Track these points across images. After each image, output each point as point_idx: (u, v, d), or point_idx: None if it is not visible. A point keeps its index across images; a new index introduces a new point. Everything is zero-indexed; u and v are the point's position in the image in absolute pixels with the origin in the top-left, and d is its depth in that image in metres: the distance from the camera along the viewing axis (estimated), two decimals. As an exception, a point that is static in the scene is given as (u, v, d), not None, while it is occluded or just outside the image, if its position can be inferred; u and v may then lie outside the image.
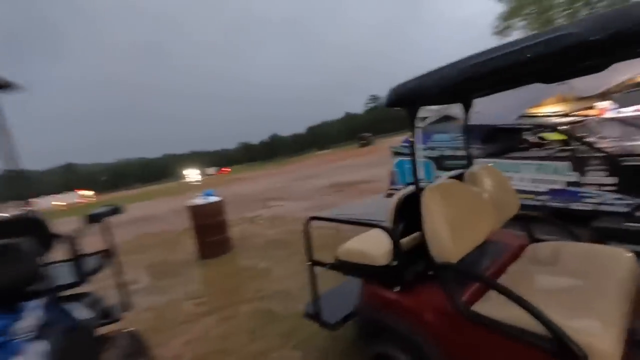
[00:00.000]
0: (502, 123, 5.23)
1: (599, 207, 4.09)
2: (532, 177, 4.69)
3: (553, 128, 4.85)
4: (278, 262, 5.23)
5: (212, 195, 6.17)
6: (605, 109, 6.89)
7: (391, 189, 6.63)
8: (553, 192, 4.47)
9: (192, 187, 35.33)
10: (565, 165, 4.37)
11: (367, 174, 14.97)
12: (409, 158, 5.47)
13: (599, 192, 4.09)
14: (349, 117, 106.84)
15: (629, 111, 6.89)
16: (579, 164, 4.25)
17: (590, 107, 6.70)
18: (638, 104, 6.88)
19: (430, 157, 5.94)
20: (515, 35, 32.66)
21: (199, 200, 6.05)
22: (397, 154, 6.57)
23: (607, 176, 4.04)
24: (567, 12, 28.91)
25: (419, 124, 5.94)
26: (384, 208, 2.53)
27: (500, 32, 33.12)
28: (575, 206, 4.25)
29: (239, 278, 4.90)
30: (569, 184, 4.33)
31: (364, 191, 10.46)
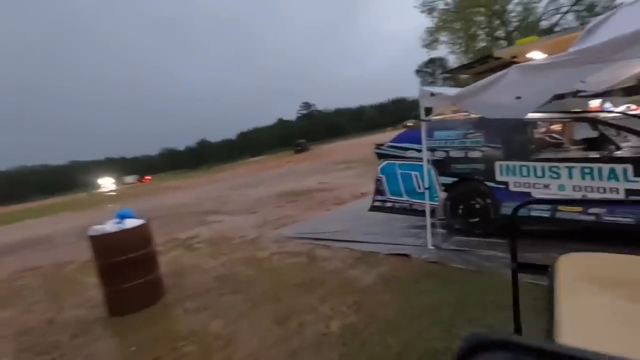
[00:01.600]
0: (527, 116, 4.20)
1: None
2: (577, 185, 3.64)
3: (598, 122, 3.94)
4: (239, 319, 3.44)
5: (129, 216, 4.12)
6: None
7: (378, 200, 5.23)
8: (611, 204, 3.46)
9: (106, 199, 30.36)
10: (624, 168, 3.39)
11: (315, 182, 13.57)
12: (402, 161, 4.07)
13: (678, 202, 3.16)
14: (282, 124, 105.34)
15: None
16: (646, 167, 3.31)
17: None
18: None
19: (429, 161, 4.67)
20: (442, 48, 34.58)
21: (110, 227, 3.96)
22: (384, 156, 5.21)
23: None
24: (485, 30, 31.34)
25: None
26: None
27: (428, 45, 34.93)
28: (649, 221, 3.28)
29: None
30: (630, 192, 3.35)
31: (323, 201, 8.99)
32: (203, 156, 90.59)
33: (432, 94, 4.01)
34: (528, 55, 8.61)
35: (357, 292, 3.54)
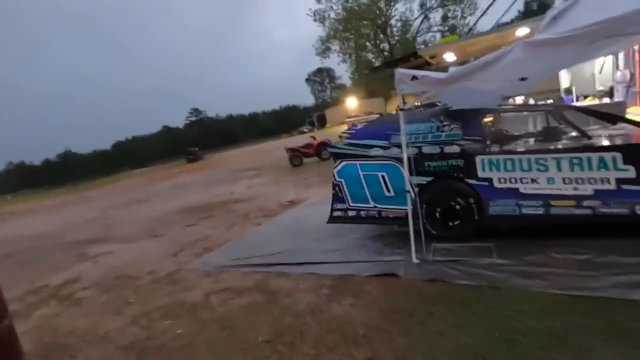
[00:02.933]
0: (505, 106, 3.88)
1: (673, 209, 3.10)
2: (567, 177, 3.38)
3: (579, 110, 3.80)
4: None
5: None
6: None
7: (338, 210, 4.34)
8: (604, 195, 3.27)
9: None
10: (613, 156, 3.24)
11: (225, 191, 12.01)
12: (364, 161, 3.30)
13: (668, 188, 3.10)
14: (168, 131, 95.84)
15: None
16: (635, 154, 3.20)
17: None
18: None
19: (397, 158, 4.01)
20: (334, 57, 36.04)
21: None
22: (341, 156, 4.36)
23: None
24: (372, 42, 33.87)
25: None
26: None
27: (320, 53, 36.04)
28: (645, 210, 3.15)
29: None
30: (621, 180, 3.21)
31: (247, 214, 7.66)
32: (68, 171, 75.80)
33: (415, 77, 3.32)
34: (444, 56, 9.02)
35: (359, 342, 2.56)
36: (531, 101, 6.81)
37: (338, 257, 4.15)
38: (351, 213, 4.37)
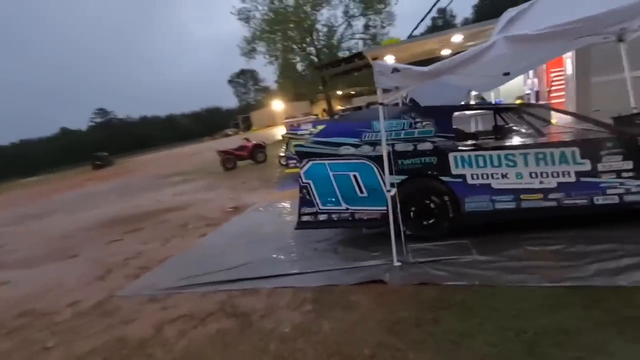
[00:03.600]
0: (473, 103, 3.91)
1: (625, 199, 3.40)
2: (533, 171, 3.53)
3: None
4: None
5: None
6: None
7: (307, 214, 3.99)
8: (567, 187, 3.47)
9: None
10: (572, 151, 3.45)
11: (151, 200, 10.71)
12: (333, 160, 3.14)
13: (619, 180, 3.39)
14: (68, 135, 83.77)
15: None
16: (589, 148, 3.44)
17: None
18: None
19: (369, 157, 3.82)
20: (260, 58, 35.25)
21: None
22: (308, 155, 4.02)
23: (622, 160, 3.40)
24: (299, 45, 33.93)
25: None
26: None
27: (246, 54, 34.96)
28: (602, 200, 3.39)
29: None
30: (580, 174, 3.44)
31: (184, 224, 6.78)
32: None
33: (396, 70, 3.12)
34: (385, 58, 9.21)
35: (369, 363, 2.24)
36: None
37: (310, 266, 3.77)
38: (321, 217, 4.02)
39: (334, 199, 3.98)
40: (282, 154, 12.46)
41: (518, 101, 9.14)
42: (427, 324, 2.51)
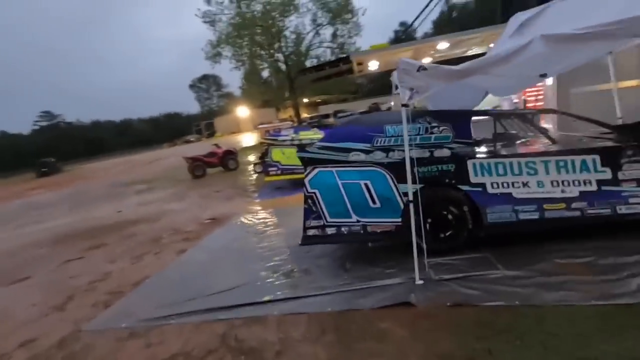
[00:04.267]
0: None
1: (649, 208, 3.31)
2: (554, 180, 3.37)
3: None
4: None
5: None
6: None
7: (313, 227, 3.58)
8: (589, 196, 3.34)
9: None
10: (592, 159, 3.34)
11: (112, 211, 9.71)
12: (342, 167, 2.74)
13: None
14: (6, 139, 76.33)
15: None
16: (610, 156, 3.34)
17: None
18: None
19: (381, 164, 3.51)
20: (226, 62, 34.28)
21: None
22: (314, 162, 3.64)
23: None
24: (266, 51, 33.43)
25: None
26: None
27: (211, 58, 33.90)
28: (626, 210, 3.29)
29: None
30: (601, 182, 3.33)
31: (157, 239, 6.05)
32: None
33: (423, 68, 2.83)
34: (369, 63, 9.04)
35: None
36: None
37: (319, 286, 3.34)
38: (330, 230, 3.61)
39: (343, 211, 3.59)
40: (257, 161, 11.90)
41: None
42: (482, 357, 2.18)
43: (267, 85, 38.75)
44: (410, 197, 3.15)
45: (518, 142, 3.91)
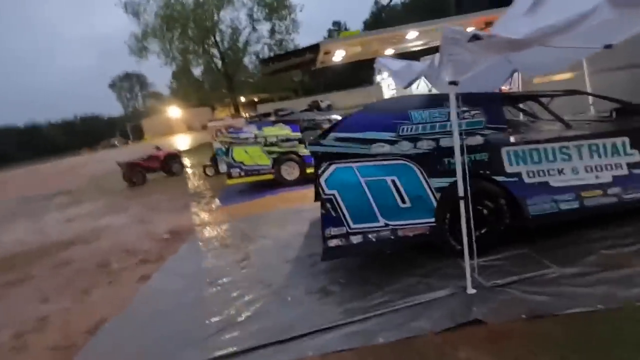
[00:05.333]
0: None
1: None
2: (588, 165, 3.17)
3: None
4: None
5: None
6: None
7: (336, 237, 2.96)
8: (622, 180, 3.18)
9: None
10: (622, 141, 3.19)
11: (25, 231, 7.95)
12: (364, 162, 2.48)
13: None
14: None
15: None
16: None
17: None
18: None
19: (408, 156, 3.02)
20: (154, 58, 31.36)
21: None
22: (329, 157, 3.01)
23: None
24: (200, 46, 31.29)
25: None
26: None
27: (136, 53, 30.81)
28: (657, 193, 3.17)
29: None
30: (631, 165, 3.20)
31: (105, 264, 4.85)
32: None
33: (476, 37, 2.35)
34: (336, 52, 8.47)
35: None
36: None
37: (349, 310, 2.70)
38: (355, 239, 2.98)
39: (368, 214, 2.99)
40: (208, 164, 10.74)
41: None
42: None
43: (201, 83, 36.41)
44: (461, 193, 2.65)
45: (547, 126, 3.66)
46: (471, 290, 2.66)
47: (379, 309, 2.65)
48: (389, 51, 8.52)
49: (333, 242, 2.96)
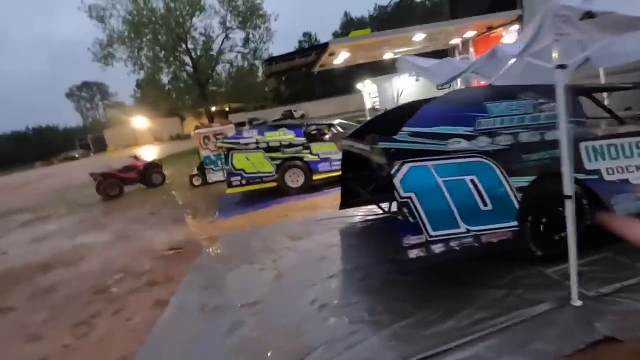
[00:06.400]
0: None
1: None
2: (661, 160, 2.99)
3: None
4: None
5: None
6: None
7: (414, 245, 2.60)
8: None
9: None
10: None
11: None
12: (440, 160, 2.57)
13: None
14: None
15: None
16: None
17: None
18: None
19: (486, 153, 2.71)
20: (120, 66, 29.73)
21: None
22: (402, 155, 2.64)
23: None
24: (171, 53, 30.12)
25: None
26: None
27: (101, 60, 29.14)
28: None
29: None
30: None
31: (94, 289, 4.11)
32: None
33: (589, 16, 2.08)
34: (340, 55, 8.14)
35: None
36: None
37: (440, 333, 2.29)
38: (437, 248, 2.58)
39: (449, 219, 2.61)
40: (195, 173, 10.00)
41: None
42: None
43: (173, 92, 34.94)
44: (568, 192, 2.35)
45: (606, 122, 3.49)
46: (577, 302, 2.34)
47: (477, 331, 2.26)
48: (388, 55, 8.38)
49: (414, 253, 2.54)
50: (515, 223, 2.72)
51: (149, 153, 29.29)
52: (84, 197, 11.92)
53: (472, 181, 2.66)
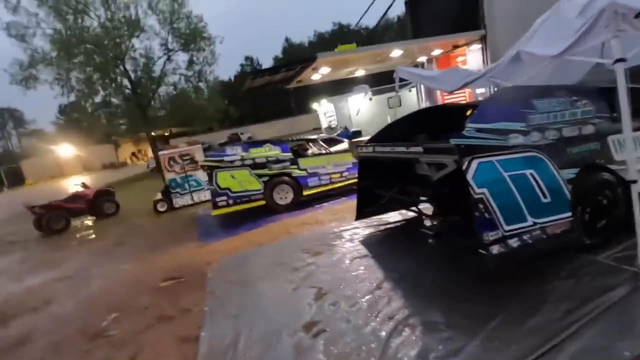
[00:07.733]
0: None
1: None
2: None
3: None
4: None
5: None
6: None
7: (493, 241, 2.59)
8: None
9: None
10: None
11: None
12: (503, 155, 2.66)
13: None
14: None
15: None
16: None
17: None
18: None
19: (538, 147, 2.86)
20: (45, 88, 26.83)
21: None
22: (469, 151, 2.66)
23: None
24: (107, 76, 27.92)
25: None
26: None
27: (21, 82, 26.05)
28: None
29: None
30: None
31: (81, 331, 3.41)
32: None
33: (641, 13, 2.29)
34: (320, 70, 8.06)
35: None
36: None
37: (548, 323, 2.24)
38: (513, 242, 2.55)
39: (518, 213, 2.62)
40: (160, 198, 9.14)
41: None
42: None
43: (102, 117, 32.09)
44: (633, 176, 2.47)
45: None
46: (652, 294, 2.44)
47: (573, 321, 2.23)
48: (360, 72, 8.64)
49: (495, 249, 2.48)
50: (570, 213, 2.81)
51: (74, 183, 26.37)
52: (12, 234, 10.24)
53: (532, 175, 2.72)
